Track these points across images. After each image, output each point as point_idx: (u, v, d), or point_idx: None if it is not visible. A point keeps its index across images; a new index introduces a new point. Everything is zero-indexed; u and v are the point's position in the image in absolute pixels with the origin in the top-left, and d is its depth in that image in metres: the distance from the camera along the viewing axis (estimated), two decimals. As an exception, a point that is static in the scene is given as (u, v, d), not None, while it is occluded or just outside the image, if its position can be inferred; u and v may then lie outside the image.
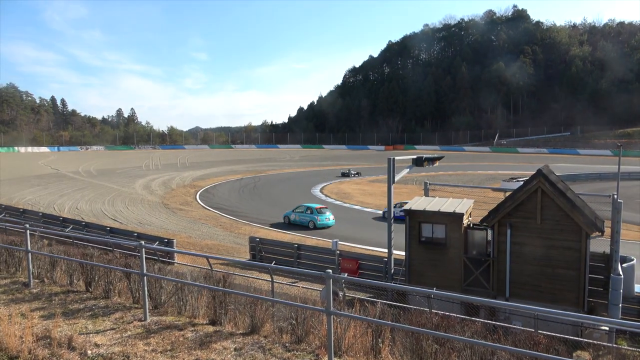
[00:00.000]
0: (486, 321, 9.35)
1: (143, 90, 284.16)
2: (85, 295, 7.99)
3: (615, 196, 14.55)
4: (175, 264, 19.43)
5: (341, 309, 7.27)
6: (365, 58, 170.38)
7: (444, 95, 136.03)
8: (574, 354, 10.08)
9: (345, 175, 58.86)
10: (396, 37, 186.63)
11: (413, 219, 15.32)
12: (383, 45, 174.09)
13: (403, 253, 15.93)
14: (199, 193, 44.63)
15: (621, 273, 13.18)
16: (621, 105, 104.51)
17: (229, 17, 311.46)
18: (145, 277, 6.91)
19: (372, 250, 22.35)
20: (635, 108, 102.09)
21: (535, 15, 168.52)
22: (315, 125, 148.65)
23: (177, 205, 37.83)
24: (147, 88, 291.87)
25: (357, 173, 59.97)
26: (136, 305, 7.45)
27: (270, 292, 13.32)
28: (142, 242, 7.29)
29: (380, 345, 6.13)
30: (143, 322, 6.69)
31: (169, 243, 21.12)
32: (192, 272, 9.33)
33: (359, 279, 13.94)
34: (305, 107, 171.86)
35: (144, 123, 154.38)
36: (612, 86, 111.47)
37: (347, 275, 17.41)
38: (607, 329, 12.68)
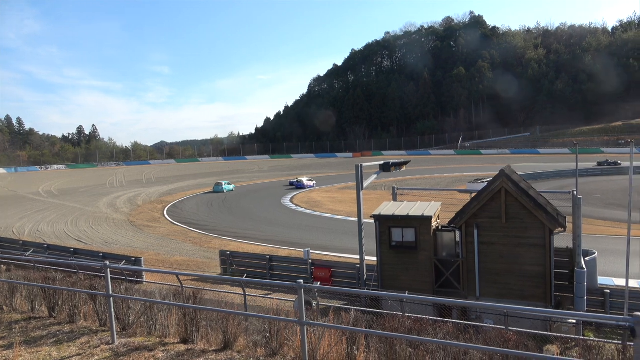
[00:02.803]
0: (458, 321, 9.48)
1: (105, 107, 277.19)
2: (48, 321, 7.66)
3: (575, 192, 15.11)
4: (144, 283, 18.91)
5: (315, 318, 7.23)
6: (330, 67, 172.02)
7: (407, 101, 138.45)
8: (544, 349, 10.34)
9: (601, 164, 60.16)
10: (359, 45, 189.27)
11: (383, 224, 15.44)
12: (347, 54, 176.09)
13: (375, 258, 16.02)
14: (166, 208, 43.73)
15: (584, 266, 13.65)
16: (576, 105, 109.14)
17: (191, 31, 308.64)
18: (111, 299, 6.70)
19: (345, 257, 22.38)
20: (590, 107, 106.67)
21: (491, 21, 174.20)
22: (283, 135, 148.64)
23: (144, 222, 36.94)
24: (108, 104, 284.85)
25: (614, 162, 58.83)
26: (103, 328, 7.20)
27: (243, 306, 13.12)
28: (107, 262, 7.07)
29: (356, 352, 6.12)
30: (111, 345, 6.47)
31: (137, 261, 20.56)
32: (161, 290, 9.10)
33: (331, 287, 13.91)
34: (272, 118, 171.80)
35: (106, 140, 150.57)
36: (567, 87, 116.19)
37: (320, 284, 17.38)
38: (574, 321, 13.08)
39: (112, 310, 6.68)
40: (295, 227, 32.53)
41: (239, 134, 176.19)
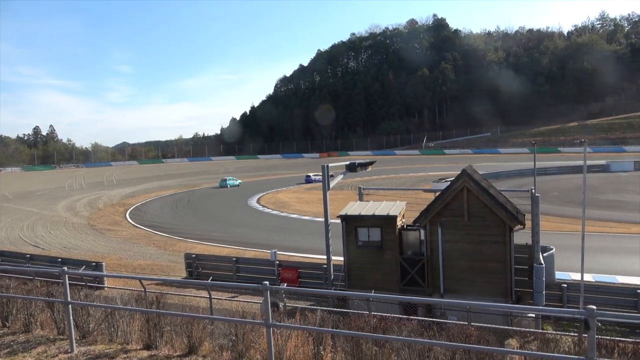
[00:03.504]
0: (422, 318, 9.67)
1: (63, 106, 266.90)
2: (1, 331, 7.33)
3: (533, 190, 15.65)
4: (105, 289, 18.38)
5: (281, 320, 7.21)
6: (296, 67, 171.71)
7: (373, 102, 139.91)
8: (505, 343, 10.66)
9: None
10: (325, 45, 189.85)
11: (349, 224, 15.55)
12: (313, 54, 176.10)
13: (342, 258, 16.11)
14: (129, 211, 42.62)
15: (543, 262, 14.15)
16: (534, 106, 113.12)
17: (155, 29, 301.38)
18: (70, 305, 6.47)
19: (312, 258, 22.40)
20: (547, 108, 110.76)
21: (453, 23, 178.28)
22: (249, 135, 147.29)
23: (105, 225, 35.88)
24: (67, 103, 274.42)
25: None
26: (61, 337, 6.95)
27: (208, 310, 12.93)
28: (65, 267, 6.83)
29: (322, 352, 6.14)
30: (69, 354, 6.25)
31: (98, 266, 19.94)
32: (122, 296, 8.87)
33: (298, 288, 13.91)
34: (238, 118, 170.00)
35: (65, 141, 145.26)
36: (525, 88, 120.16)
37: (287, 285, 17.34)
38: (533, 315, 13.55)
39: (71, 317, 6.46)
40: (261, 229, 32.35)
41: (204, 134, 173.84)
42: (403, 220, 16.30)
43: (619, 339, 7.97)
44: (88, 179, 77.78)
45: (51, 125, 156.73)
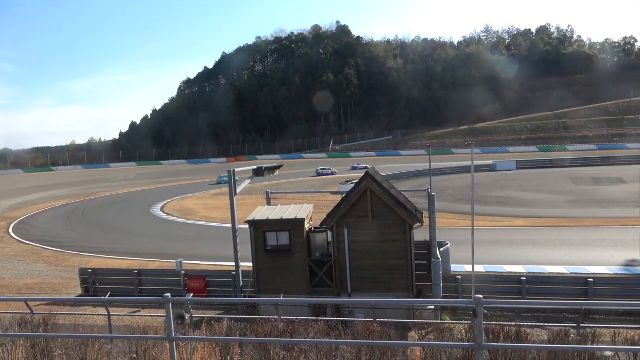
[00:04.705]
0: (328, 319, 9.89)
1: None
2: None
3: (430, 190, 16.74)
4: (-15, 313, 16.39)
5: (187, 332, 6.96)
6: (201, 69, 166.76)
7: (280, 106, 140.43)
8: (409, 335, 11.26)
9: None
10: (230, 48, 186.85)
11: (258, 229, 15.44)
12: (217, 57, 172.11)
13: (251, 264, 15.93)
14: (12, 225, 38.43)
15: (440, 257, 15.17)
16: (430, 110, 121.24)
17: (40, 24, 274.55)
18: None
19: (220, 265, 21.89)
20: (440, 112, 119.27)
21: (355, 31, 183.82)
22: (152, 140, 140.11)
23: (-17, 242, 32.02)
24: None
25: None
26: None
27: (107, 328, 12.06)
28: None
29: (230, 362, 6.02)
30: None
31: (-25, 289, 17.74)
32: (3, 321, 7.96)
33: (204, 298, 13.49)
34: (139, 122, 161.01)
35: None
36: (421, 94, 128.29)
37: (194, 295, 16.76)
38: (433, 307, 14.46)
39: (-63, 350, 5.67)
40: (167, 238, 30.98)
41: (100, 139, 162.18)
42: (311, 222, 16.53)
43: (504, 323, 8.76)
44: (-39, 191, 68.86)
45: None
